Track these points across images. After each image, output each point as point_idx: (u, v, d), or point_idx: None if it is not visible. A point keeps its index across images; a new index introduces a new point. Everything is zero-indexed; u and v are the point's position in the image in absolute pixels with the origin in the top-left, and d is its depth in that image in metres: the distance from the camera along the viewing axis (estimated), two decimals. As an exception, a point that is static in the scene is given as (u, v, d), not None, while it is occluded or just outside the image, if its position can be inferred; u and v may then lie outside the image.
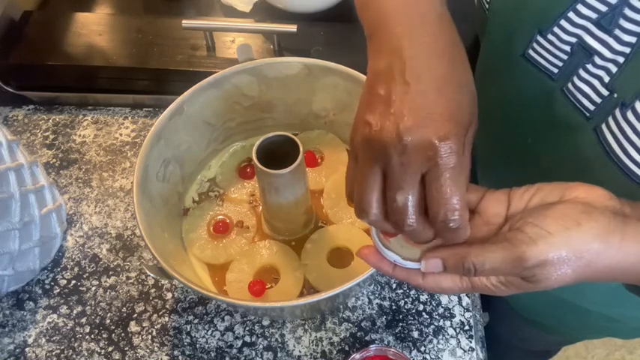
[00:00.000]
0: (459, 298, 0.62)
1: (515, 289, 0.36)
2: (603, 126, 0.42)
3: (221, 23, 0.76)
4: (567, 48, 0.43)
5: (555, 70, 0.45)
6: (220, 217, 0.64)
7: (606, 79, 0.41)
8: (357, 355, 0.54)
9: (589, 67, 0.42)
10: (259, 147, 0.54)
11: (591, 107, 0.43)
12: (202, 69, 0.74)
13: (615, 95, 0.41)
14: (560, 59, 0.44)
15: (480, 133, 0.64)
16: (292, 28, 0.71)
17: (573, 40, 0.42)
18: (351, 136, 0.36)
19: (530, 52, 0.46)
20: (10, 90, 0.79)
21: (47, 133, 0.77)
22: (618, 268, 0.34)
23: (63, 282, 0.65)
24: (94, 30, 0.79)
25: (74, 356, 0.60)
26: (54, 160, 0.75)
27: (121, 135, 0.77)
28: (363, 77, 0.59)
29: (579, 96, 0.43)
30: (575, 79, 0.43)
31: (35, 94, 0.80)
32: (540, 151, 0.52)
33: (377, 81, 0.35)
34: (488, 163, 0.67)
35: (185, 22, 0.72)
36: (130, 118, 0.79)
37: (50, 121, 0.78)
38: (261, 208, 0.64)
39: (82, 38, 0.78)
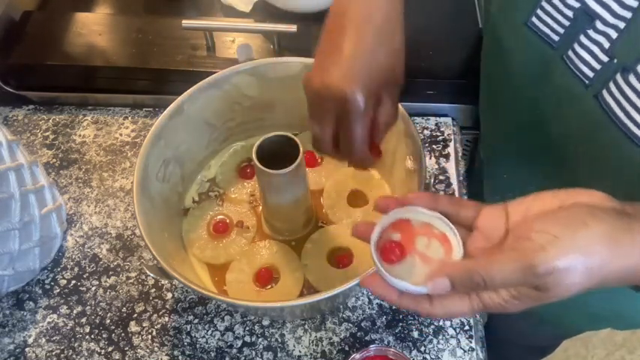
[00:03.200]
0: (459, 298, 0.62)
1: (529, 301, 0.35)
2: (604, 92, 0.42)
3: (221, 23, 0.77)
4: (570, 13, 0.43)
5: (556, 38, 0.45)
6: (220, 217, 0.64)
7: (606, 45, 0.41)
8: (357, 355, 0.54)
9: (590, 32, 0.42)
10: (259, 147, 0.54)
11: (590, 74, 0.43)
12: (202, 69, 0.74)
13: (615, 61, 0.41)
14: (562, 25, 0.44)
15: (487, 111, 0.64)
16: (292, 28, 0.71)
17: (577, 4, 0.42)
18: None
19: (533, 19, 0.46)
20: (10, 90, 0.79)
21: (47, 133, 0.77)
22: (632, 268, 0.33)
23: (63, 282, 0.65)
24: (94, 30, 0.79)
25: (74, 356, 0.60)
26: (54, 160, 0.75)
27: (121, 135, 0.77)
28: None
29: (579, 63, 0.44)
30: (576, 46, 0.43)
31: (35, 94, 0.80)
32: (545, 122, 0.52)
33: (325, 38, 0.45)
34: (495, 140, 0.66)
35: (185, 22, 0.72)
36: (130, 118, 0.79)
37: (50, 121, 0.78)
38: (261, 208, 0.64)
39: (82, 38, 0.78)
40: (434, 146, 0.74)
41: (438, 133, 0.75)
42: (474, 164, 0.86)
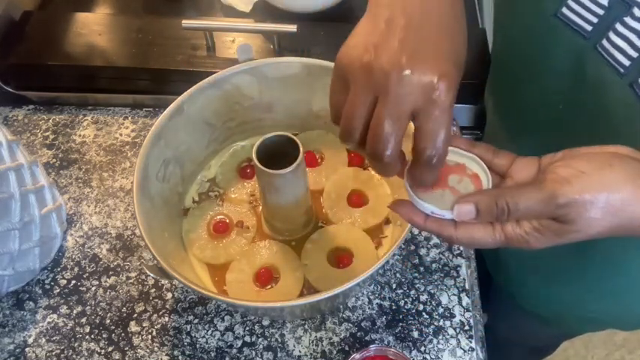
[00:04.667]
0: (459, 299, 0.62)
1: (551, 234, 0.36)
2: None
3: (221, 23, 0.77)
4: (605, 1, 0.42)
5: (589, 28, 0.45)
6: (220, 217, 0.64)
7: None
8: (357, 355, 0.54)
9: (627, 20, 0.41)
10: (259, 147, 0.54)
11: (626, 63, 0.43)
12: (202, 69, 0.74)
13: None
14: (596, 15, 0.44)
15: (510, 105, 0.64)
16: (292, 28, 0.71)
17: None
18: (344, 60, 0.36)
19: (564, 10, 0.46)
20: (10, 90, 0.79)
21: (47, 133, 0.77)
22: None
23: (63, 282, 0.65)
24: (94, 30, 0.79)
25: (74, 356, 0.60)
26: (54, 160, 0.75)
27: (121, 135, 0.77)
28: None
29: (614, 52, 0.43)
30: (611, 35, 0.43)
31: (35, 94, 0.80)
32: (573, 115, 0.52)
33: (381, 10, 0.36)
34: (518, 136, 0.66)
35: (185, 22, 0.72)
36: (130, 118, 0.79)
37: (50, 121, 0.79)
38: (261, 208, 0.64)
39: (82, 38, 0.78)
40: (434, 146, 0.74)
41: (438, 133, 0.75)
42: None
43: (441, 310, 0.61)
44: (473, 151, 0.41)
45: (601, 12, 0.43)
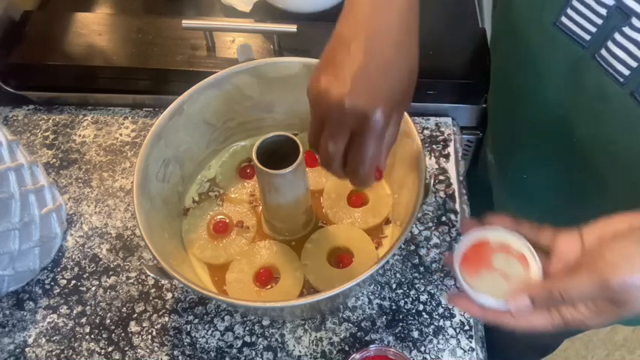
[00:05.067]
0: (459, 298, 0.62)
1: (608, 315, 0.38)
2: None
3: (221, 23, 0.76)
4: (604, 11, 0.42)
5: (587, 37, 0.45)
6: (220, 217, 0.64)
7: None
8: (357, 355, 0.54)
9: (625, 30, 0.41)
10: (259, 147, 0.54)
11: (626, 72, 0.43)
12: (202, 69, 0.74)
13: None
14: (594, 24, 0.44)
15: (510, 107, 0.64)
16: (292, 28, 0.71)
17: (611, 2, 0.42)
18: (308, 92, 0.43)
19: (563, 19, 0.46)
20: (10, 90, 0.79)
21: (47, 133, 0.77)
22: None
23: (63, 282, 0.65)
24: (94, 30, 0.79)
25: (74, 356, 0.60)
26: (54, 160, 0.75)
27: (121, 135, 0.77)
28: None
29: (613, 62, 0.43)
30: (610, 44, 0.43)
31: (35, 94, 0.80)
32: (573, 122, 0.52)
33: (339, 45, 0.43)
34: (511, 141, 0.66)
35: (185, 22, 0.72)
36: (130, 118, 0.79)
37: (50, 121, 0.79)
38: (261, 208, 0.64)
39: (82, 38, 0.78)
40: (434, 146, 0.74)
41: (438, 133, 0.75)
42: (477, 164, 0.85)
43: (441, 310, 0.61)
44: (519, 230, 0.43)
45: (600, 21, 0.43)
